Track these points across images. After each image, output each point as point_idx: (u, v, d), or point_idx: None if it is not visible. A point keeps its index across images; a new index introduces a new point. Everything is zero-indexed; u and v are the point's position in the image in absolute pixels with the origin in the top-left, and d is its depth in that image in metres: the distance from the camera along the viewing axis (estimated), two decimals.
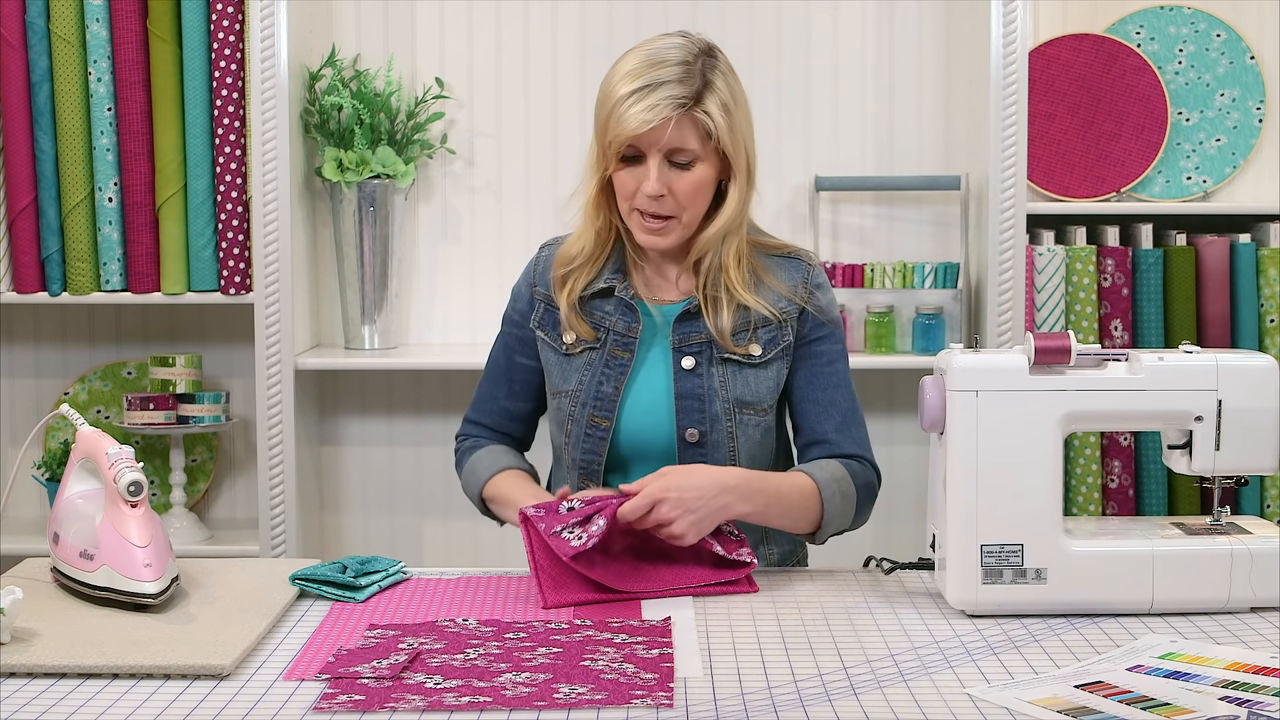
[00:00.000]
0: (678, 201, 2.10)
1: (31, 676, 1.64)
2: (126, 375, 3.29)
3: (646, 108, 2.05)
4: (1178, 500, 3.11)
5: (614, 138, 2.07)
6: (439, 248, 3.29)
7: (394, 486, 3.34)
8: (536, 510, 1.97)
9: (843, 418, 2.17)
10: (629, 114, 2.05)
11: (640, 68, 2.08)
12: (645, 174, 2.08)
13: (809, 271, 2.20)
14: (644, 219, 2.12)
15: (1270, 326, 3.08)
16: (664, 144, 2.07)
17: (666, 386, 2.16)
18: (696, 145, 2.08)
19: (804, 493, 2.09)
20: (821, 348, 2.19)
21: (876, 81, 3.25)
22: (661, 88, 2.06)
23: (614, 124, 2.07)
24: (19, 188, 3.06)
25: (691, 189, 2.10)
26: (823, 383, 2.18)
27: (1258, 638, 1.78)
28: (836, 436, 2.16)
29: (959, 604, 1.88)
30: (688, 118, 2.07)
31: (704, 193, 2.12)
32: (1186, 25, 3.20)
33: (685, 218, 2.12)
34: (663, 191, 2.09)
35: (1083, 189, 3.18)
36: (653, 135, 2.06)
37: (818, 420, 2.17)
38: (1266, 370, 1.90)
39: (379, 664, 1.66)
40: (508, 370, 2.28)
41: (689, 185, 2.09)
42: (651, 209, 2.10)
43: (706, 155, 2.10)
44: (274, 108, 2.98)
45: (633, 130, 2.05)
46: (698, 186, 2.10)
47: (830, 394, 2.18)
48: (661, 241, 2.13)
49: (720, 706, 1.54)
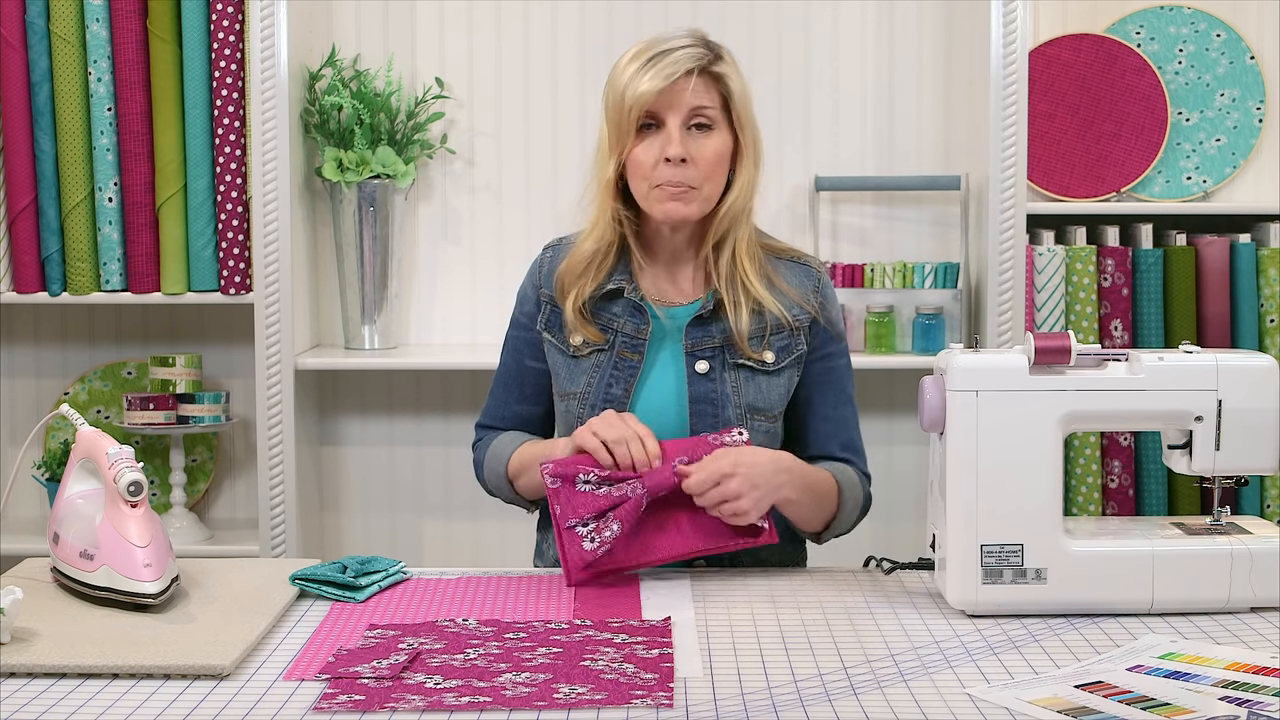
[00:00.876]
0: (699, 171, 2.10)
1: (31, 676, 1.64)
2: (126, 375, 3.29)
3: (663, 67, 2.07)
4: (1178, 500, 3.11)
5: (632, 104, 2.08)
6: (439, 248, 3.29)
7: (394, 486, 3.34)
8: (554, 481, 2.00)
9: (849, 435, 2.23)
10: (644, 79, 2.07)
11: (647, 47, 2.11)
12: (667, 138, 2.09)
13: (819, 280, 2.21)
14: (667, 190, 2.10)
15: (1270, 326, 3.08)
16: (684, 104, 2.08)
17: (676, 389, 2.16)
18: (714, 106, 2.10)
19: (829, 490, 2.14)
20: (833, 363, 2.22)
21: (876, 81, 3.25)
22: (674, 53, 2.09)
23: (630, 94, 2.08)
24: (19, 188, 3.06)
25: (713, 156, 2.10)
26: (833, 399, 2.22)
27: (1258, 638, 1.78)
28: (843, 454, 2.21)
29: (959, 604, 1.88)
30: (706, 76, 2.10)
31: (722, 164, 2.13)
32: (1186, 25, 3.21)
33: (706, 189, 2.11)
34: (685, 154, 2.08)
35: (1083, 189, 3.18)
36: (673, 95, 2.08)
37: (829, 437, 2.21)
38: (1266, 370, 1.90)
39: (379, 664, 1.66)
40: (518, 374, 2.27)
41: (711, 152, 2.10)
42: (674, 178, 2.09)
43: (723, 124, 2.12)
44: (274, 108, 2.98)
45: (654, 90, 2.06)
46: (718, 154, 2.11)
47: (840, 410, 2.22)
48: (684, 209, 2.11)
49: (720, 706, 1.54)
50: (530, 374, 2.26)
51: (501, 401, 2.30)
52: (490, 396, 2.32)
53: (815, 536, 2.18)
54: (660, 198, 2.11)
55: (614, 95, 2.11)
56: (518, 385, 2.28)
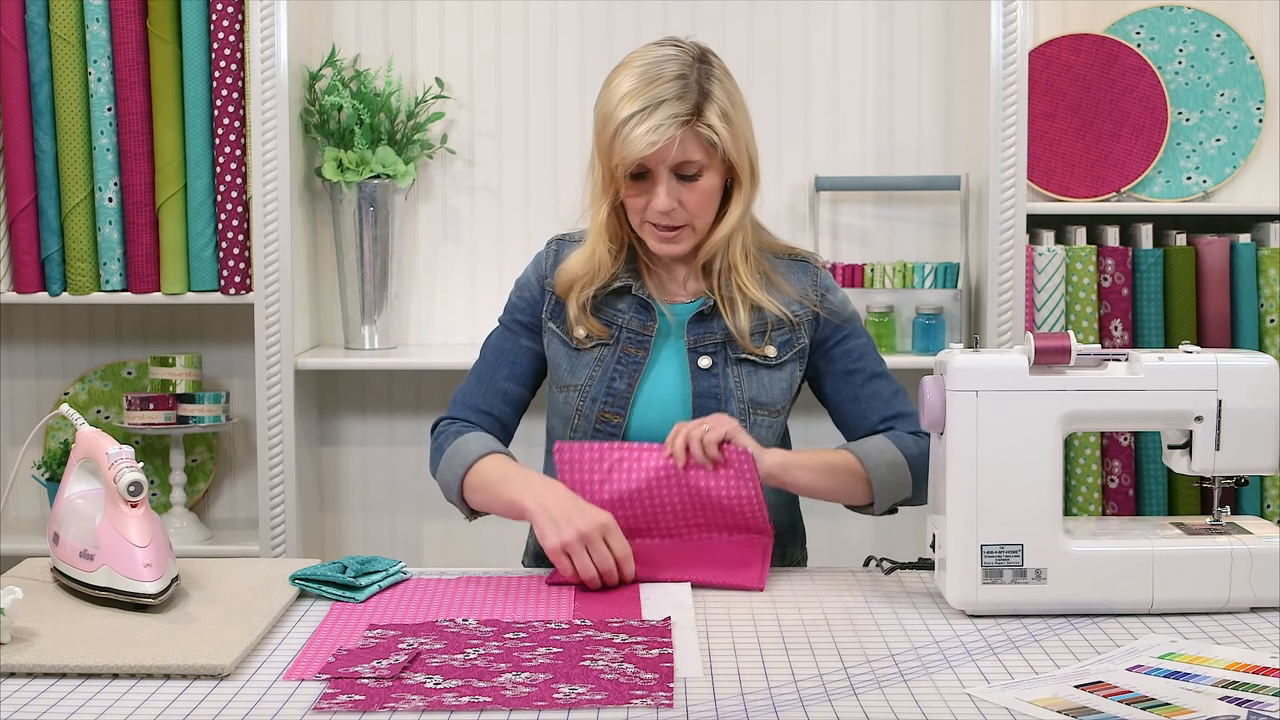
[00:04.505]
0: (688, 212, 2.13)
1: (31, 676, 1.64)
2: (126, 375, 3.29)
3: (650, 129, 2.06)
4: (1178, 500, 3.11)
5: (620, 161, 2.09)
6: (439, 248, 3.29)
7: (394, 486, 3.34)
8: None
9: (886, 406, 2.21)
10: (633, 137, 2.07)
11: (639, 87, 2.09)
12: (655, 191, 2.11)
13: (817, 275, 2.23)
14: (657, 230, 2.14)
15: (1270, 326, 3.08)
16: (670, 160, 2.09)
17: (679, 385, 2.17)
18: (702, 157, 2.10)
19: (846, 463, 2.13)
20: (846, 346, 2.22)
21: (876, 81, 3.25)
22: (662, 107, 2.07)
23: (619, 148, 2.08)
24: (19, 188, 3.06)
25: (701, 199, 2.13)
26: (859, 379, 2.21)
27: (1258, 638, 1.78)
28: (884, 425, 2.20)
29: (959, 604, 1.88)
30: (691, 133, 2.09)
31: (712, 199, 2.15)
32: (1186, 25, 3.20)
33: (697, 225, 2.15)
34: (673, 206, 2.11)
35: (1083, 189, 3.18)
36: (659, 155, 2.08)
37: (864, 416, 2.21)
38: (1266, 370, 1.90)
39: (379, 664, 1.66)
40: (512, 353, 2.24)
41: (698, 196, 2.12)
42: (664, 221, 2.13)
43: (712, 164, 2.12)
44: (274, 108, 2.98)
45: (639, 153, 2.07)
46: (706, 195, 2.13)
47: (870, 386, 2.21)
48: (676, 249, 2.16)
49: (720, 706, 1.54)
50: (525, 354, 2.24)
51: (486, 378, 2.23)
52: (467, 381, 2.25)
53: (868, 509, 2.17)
54: (652, 237, 2.16)
55: (603, 140, 2.11)
56: (508, 364, 2.24)
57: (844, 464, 2.12)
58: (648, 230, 2.15)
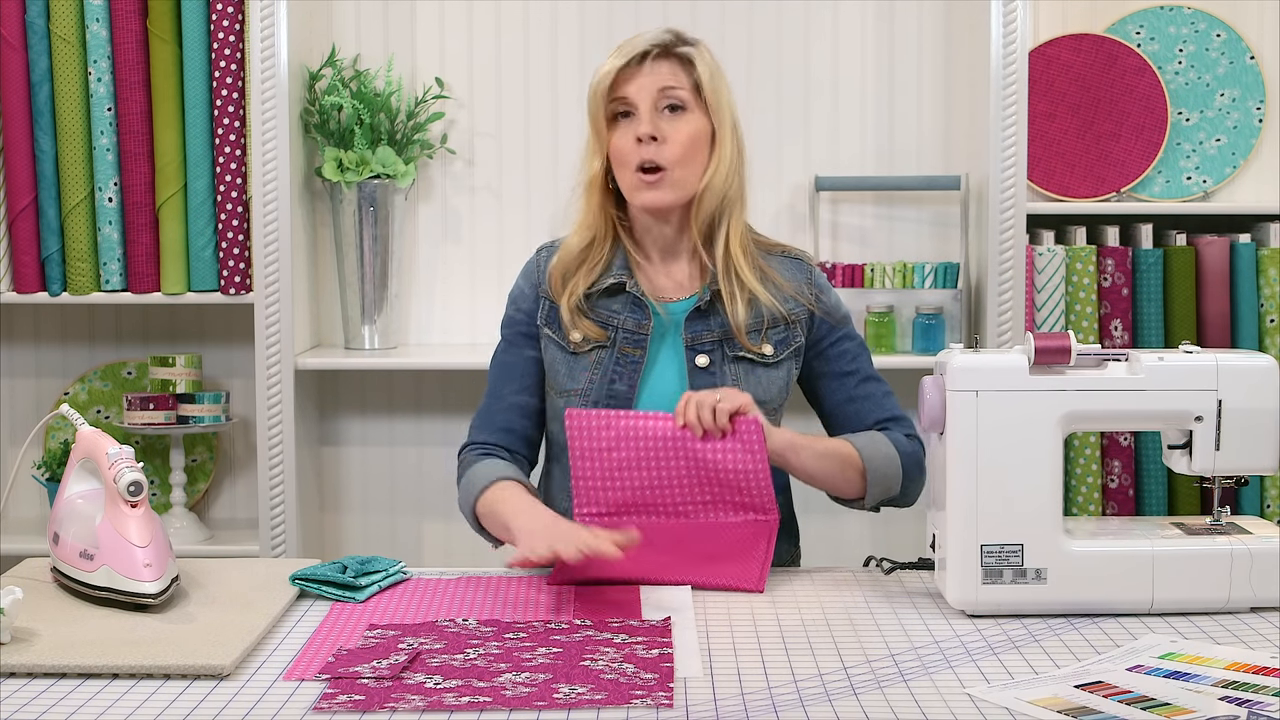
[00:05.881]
0: (671, 150, 2.14)
1: (31, 676, 1.64)
2: (126, 375, 3.29)
3: (626, 52, 2.16)
4: (1178, 500, 3.11)
5: (598, 86, 2.16)
6: (439, 248, 3.29)
7: (394, 486, 3.34)
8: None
9: (880, 408, 2.22)
10: (610, 64, 2.16)
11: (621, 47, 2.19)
12: (639, 119, 2.15)
13: (811, 273, 2.24)
14: (641, 177, 2.15)
15: (1270, 326, 3.08)
16: (652, 84, 2.14)
17: (678, 384, 2.17)
18: (685, 87, 2.15)
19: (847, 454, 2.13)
20: (841, 348, 2.23)
21: (876, 81, 3.25)
22: (639, 39, 2.18)
23: (599, 85, 2.16)
24: (19, 188, 3.06)
25: (686, 138, 2.14)
26: (854, 380, 2.22)
27: (1258, 638, 1.78)
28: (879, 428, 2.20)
29: (959, 604, 1.88)
30: (674, 60, 2.16)
31: (697, 147, 2.16)
32: (1186, 25, 3.20)
33: (678, 172, 2.15)
34: (655, 133, 2.13)
35: (1083, 189, 3.18)
36: (640, 76, 2.15)
37: (859, 417, 2.21)
38: (1266, 370, 1.90)
39: (379, 664, 1.66)
40: (517, 365, 2.24)
41: (683, 134, 2.14)
42: (646, 155, 2.14)
43: (697, 108, 2.16)
44: (274, 108, 2.98)
45: (615, 68, 2.14)
46: (691, 136, 2.15)
47: (864, 388, 2.23)
48: (657, 195, 2.15)
49: (720, 706, 1.54)
50: (530, 363, 2.24)
51: (497, 396, 2.25)
52: (479, 411, 2.26)
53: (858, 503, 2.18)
54: (635, 186, 2.16)
55: (592, 98, 2.19)
56: (517, 377, 2.24)
57: (845, 454, 2.13)
58: (633, 182, 2.16)
